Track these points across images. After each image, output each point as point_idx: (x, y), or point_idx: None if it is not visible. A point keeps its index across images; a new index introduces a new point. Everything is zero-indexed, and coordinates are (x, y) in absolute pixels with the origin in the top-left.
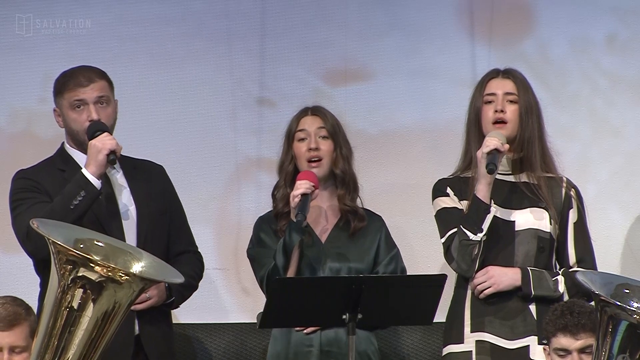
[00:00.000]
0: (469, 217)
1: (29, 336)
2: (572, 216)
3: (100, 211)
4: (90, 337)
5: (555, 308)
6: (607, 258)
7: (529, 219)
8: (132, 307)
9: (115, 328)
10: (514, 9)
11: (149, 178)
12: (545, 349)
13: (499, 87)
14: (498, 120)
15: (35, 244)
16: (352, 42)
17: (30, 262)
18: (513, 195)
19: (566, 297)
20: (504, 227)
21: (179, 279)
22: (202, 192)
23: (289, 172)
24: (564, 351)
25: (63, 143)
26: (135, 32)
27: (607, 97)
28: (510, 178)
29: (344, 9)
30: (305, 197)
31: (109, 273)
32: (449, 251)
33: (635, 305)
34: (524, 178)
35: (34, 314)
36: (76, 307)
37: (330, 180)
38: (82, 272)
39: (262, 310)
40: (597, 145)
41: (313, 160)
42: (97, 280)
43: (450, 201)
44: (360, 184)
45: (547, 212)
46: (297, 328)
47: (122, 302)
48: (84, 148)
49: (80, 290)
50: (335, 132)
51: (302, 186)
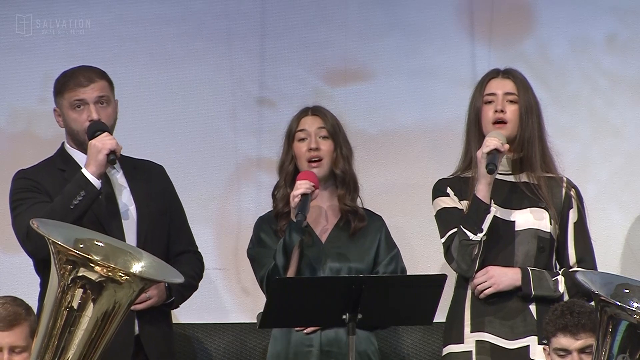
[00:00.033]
0: (469, 217)
1: (29, 336)
2: (572, 216)
3: (100, 211)
4: (90, 337)
5: (555, 308)
6: (607, 258)
7: (529, 219)
8: (132, 307)
9: (115, 328)
10: (514, 9)
11: (149, 178)
12: (545, 349)
13: (499, 87)
14: (498, 120)
15: (35, 244)
16: (352, 42)
17: (30, 262)
18: (513, 195)
19: (566, 297)
20: (504, 227)
21: (179, 279)
22: (202, 192)
23: (289, 172)
24: (564, 351)
25: (63, 143)
26: (135, 32)
27: (607, 97)
28: (510, 178)
29: (344, 9)
30: (305, 197)
31: (109, 273)
32: (449, 251)
33: (635, 305)
34: (524, 178)
35: (34, 314)
36: (76, 307)
37: (330, 180)
38: (82, 272)
39: (262, 310)
40: (597, 145)
41: (313, 160)
42: (97, 280)
43: (450, 201)
44: (360, 184)
45: (547, 212)
46: (297, 328)
47: (122, 302)
48: (84, 148)
49: (80, 290)
50: (335, 132)
51: (302, 186)
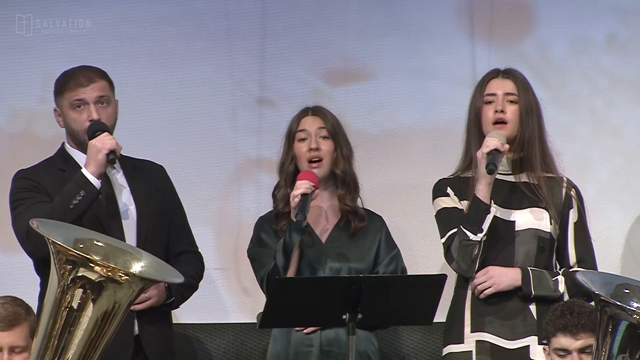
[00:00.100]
0: (469, 217)
1: (28, 336)
2: (573, 216)
3: (100, 211)
4: (90, 337)
5: (555, 308)
6: (607, 258)
7: (529, 219)
8: (131, 308)
9: (115, 328)
10: (514, 9)
11: (149, 178)
12: (545, 349)
13: (499, 87)
14: (498, 121)
15: (35, 244)
16: (352, 42)
17: (30, 262)
18: (513, 195)
19: (566, 297)
20: (504, 227)
21: (179, 279)
22: (202, 192)
23: (289, 172)
24: (563, 351)
25: (63, 143)
26: (135, 32)
27: (607, 97)
28: (511, 178)
29: (344, 9)
30: (305, 197)
31: (109, 273)
32: (449, 251)
33: (635, 305)
34: (524, 178)
35: (34, 314)
36: (76, 307)
37: (330, 181)
38: (81, 272)
39: (262, 310)
40: (597, 145)
41: (313, 160)
42: (96, 280)
43: (450, 201)
44: (360, 184)
45: (547, 212)
46: (297, 328)
47: (121, 302)
48: (84, 148)
49: (80, 290)
50: (335, 132)
51: (302, 186)
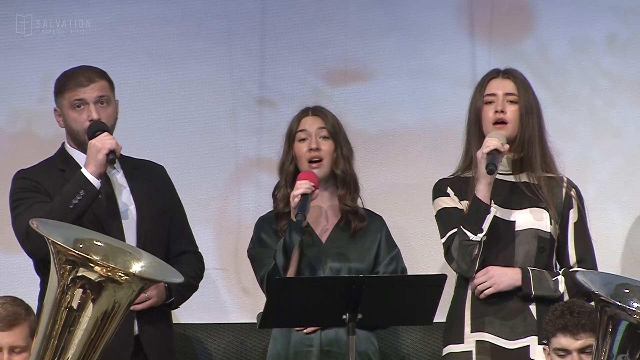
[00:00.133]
0: (469, 217)
1: (28, 336)
2: (573, 216)
3: (100, 211)
4: (90, 337)
5: (555, 308)
6: (607, 258)
7: (529, 219)
8: (131, 308)
9: (115, 328)
10: (514, 9)
11: (149, 178)
12: (545, 349)
13: (499, 87)
14: (498, 121)
15: (34, 244)
16: (352, 42)
17: (30, 262)
18: (513, 195)
19: (566, 297)
20: (504, 227)
21: (179, 279)
22: (202, 192)
23: (289, 172)
24: (563, 351)
25: (63, 143)
26: (135, 32)
27: (607, 97)
28: (511, 178)
29: (344, 9)
30: (305, 197)
31: (109, 273)
32: (449, 251)
33: (635, 305)
34: (524, 178)
35: (34, 314)
36: (76, 307)
37: (330, 181)
38: (81, 272)
39: (262, 310)
40: (597, 145)
41: (314, 160)
42: (96, 280)
43: (450, 201)
44: (360, 184)
45: (547, 212)
46: (297, 328)
47: (121, 302)
48: (84, 148)
49: (80, 290)
50: (335, 133)
51: (302, 186)
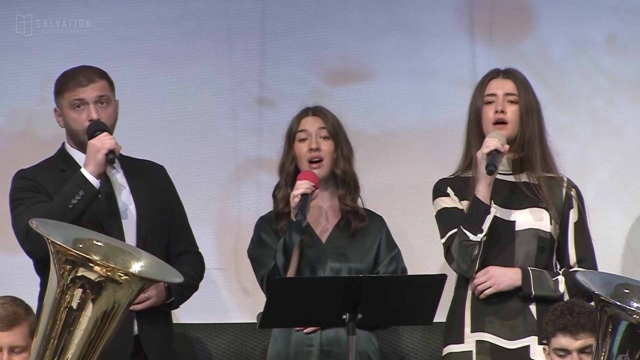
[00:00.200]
0: (469, 217)
1: (28, 336)
2: (573, 216)
3: (99, 211)
4: (90, 337)
5: (555, 308)
6: (607, 258)
7: (529, 219)
8: (131, 308)
9: (115, 328)
10: (514, 9)
11: (149, 178)
12: (545, 349)
13: (500, 87)
14: (498, 121)
15: (34, 244)
16: (352, 42)
17: (30, 262)
18: (513, 195)
19: (567, 297)
20: (504, 227)
21: (178, 279)
22: (202, 192)
23: (289, 172)
24: (563, 351)
25: (64, 143)
26: (135, 32)
27: (607, 97)
28: (511, 178)
29: (344, 9)
30: (305, 197)
31: (108, 273)
32: (449, 252)
33: (635, 305)
34: (524, 178)
35: (34, 314)
36: (75, 307)
37: (331, 181)
38: (81, 272)
39: (262, 310)
40: (597, 145)
41: (314, 160)
42: (96, 280)
43: (450, 201)
44: (360, 184)
45: (548, 212)
46: (297, 328)
47: (121, 302)
48: (84, 148)
49: (80, 290)
50: (336, 133)
51: (302, 186)
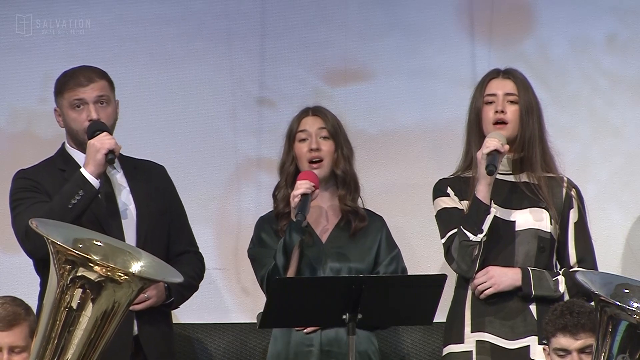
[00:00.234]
0: (469, 217)
1: (28, 336)
2: (573, 216)
3: (99, 211)
4: (90, 337)
5: (555, 308)
6: (607, 258)
7: (529, 219)
8: (130, 308)
9: (115, 328)
10: (514, 9)
11: (149, 178)
12: (545, 349)
13: (500, 87)
14: (498, 121)
15: (34, 244)
16: (352, 42)
17: (30, 262)
18: (513, 195)
19: (567, 297)
20: (504, 227)
21: (178, 279)
22: (202, 192)
23: (290, 172)
24: (563, 351)
25: (64, 143)
26: (135, 32)
27: (607, 97)
28: (511, 178)
29: (344, 9)
30: (305, 197)
31: (108, 273)
32: (449, 252)
33: (635, 305)
34: (524, 178)
35: (34, 313)
36: (75, 307)
37: (331, 181)
38: (81, 271)
39: (262, 310)
40: (597, 145)
41: (314, 160)
42: (96, 280)
43: (450, 201)
44: (360, 184)
45: (548, 212)
46: (297, 328)
47: (121, 302)
48: (84, 148)
49: (80, 290)
50: (336, 133)
51: (302, 186)
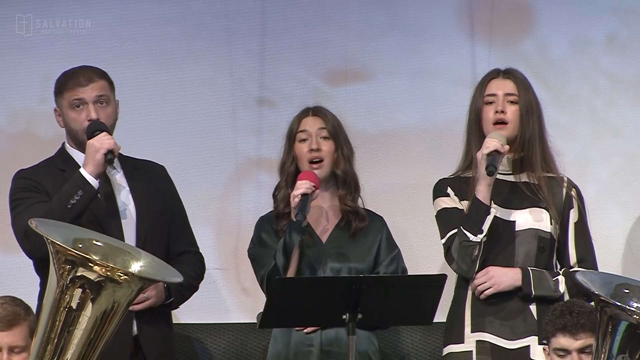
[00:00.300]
0: (469, 218)
1: (28, 336)
2: (573, 216)
3: (99, 210)
4: (89, 337)
5: (555, 308)
6: (607, 258)
7: (529, 219)
8: (130, 308)
9: (114, 328)
10: (514, 9)
11: (149, 178)
12: (545, 349)
13: (500, 87)
14: (498, 121)
15: (33, 244)
16: (352, 42)
17: (30, 262)
18: (513, 195)
19: (567, 297)
20: (504, 227)
21: (178, 279)
22: (202, 192)
23: (290, 172)
24: (563, 351)
25: (64, 143)
26: (135, 32)
27: (607, 97)
28: (511, 178)
29: (344, 9)
30: (306, 197)
31: (108, 273)
32: (449, 252)
33: (635, 305)
34: (524, 178)
35: (33, 313)
36: (75, 307)
37: (331, 181)
38: (80, 271)
39: (262, 310)
40: (597, 145)
41: (314, 161)
42: (95, 280)
43: (450, 201)
44: (360, 184)
45: (548, 212)
46: (297, 328)
47: (121, 302)
48: (84, 148)
49: (79, 290)
50: (336, 133)
51: (302, 186)
